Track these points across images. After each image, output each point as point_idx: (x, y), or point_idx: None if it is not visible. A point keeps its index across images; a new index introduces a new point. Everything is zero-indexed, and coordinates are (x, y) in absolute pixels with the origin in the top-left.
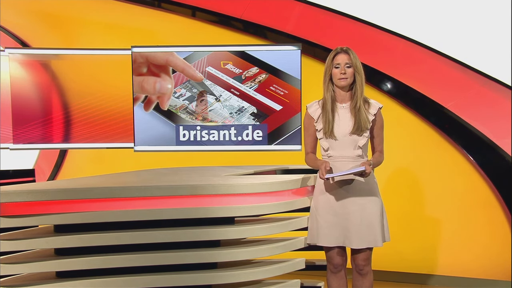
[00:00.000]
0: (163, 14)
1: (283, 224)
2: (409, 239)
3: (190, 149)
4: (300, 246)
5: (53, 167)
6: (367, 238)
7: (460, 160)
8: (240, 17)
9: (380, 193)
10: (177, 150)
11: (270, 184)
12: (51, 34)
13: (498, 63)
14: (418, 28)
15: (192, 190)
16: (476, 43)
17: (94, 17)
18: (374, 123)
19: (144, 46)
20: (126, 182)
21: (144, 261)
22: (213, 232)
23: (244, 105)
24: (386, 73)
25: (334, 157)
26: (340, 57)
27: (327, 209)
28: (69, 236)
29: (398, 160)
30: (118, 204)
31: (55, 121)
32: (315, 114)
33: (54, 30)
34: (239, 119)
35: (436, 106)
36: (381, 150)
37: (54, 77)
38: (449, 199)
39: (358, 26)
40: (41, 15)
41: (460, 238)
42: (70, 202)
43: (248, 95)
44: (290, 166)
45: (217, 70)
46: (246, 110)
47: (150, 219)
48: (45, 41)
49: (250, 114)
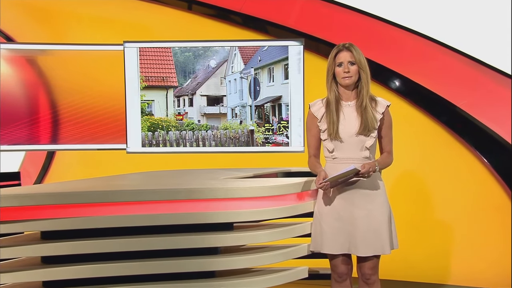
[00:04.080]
0: (157, 7)
1: (285, 230)
2: (418, 246)
3: (186, 150)
4: (303, 253)
5: (40, 169)
6: (374, 245)
7: (472, 162)
8: (239, 10)
9: (388, 196)
10: (173, 152)
11: (271, 187)
12: (37, 28)
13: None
14: (428, 22)
15: (188, 194)
16: (490, 38)
17: (84, 11)
18: (382, 122)
19: (137, 41)
20: (118, 185)
21: (137, 269)
22: (210, 239)
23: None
24: (394, 70)
25: (339, 159)
26: (342, 55)
27: (331, 214)
28: (57, 244)
29: (406, 162)
30: (109, 209)
31: (42, 121)
32: (319, 113)
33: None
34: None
35: (447, 105)
36: (389, 151)
37: (41, 74)
38: (461, 203)
39: (364, 19)
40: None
41: (473, 244)
42: (58, 207)
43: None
44: (292, 169)
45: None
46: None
47: (144, 225)
48: (31, 36)
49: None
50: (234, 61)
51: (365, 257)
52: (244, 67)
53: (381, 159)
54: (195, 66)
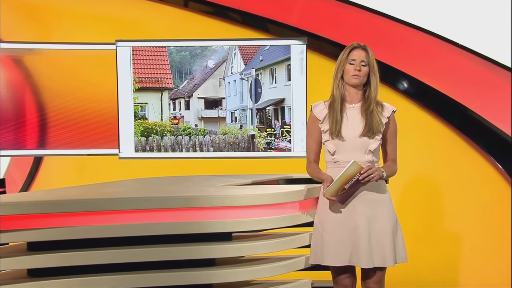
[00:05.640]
0: (152, 4)
1: (286, 240)
2: (427, 256)
3: (182, 156)
4: (306, 265)
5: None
6: (376, 257)
7: (486, 167)
8: (238, 7)
9: (394, 205)
10: (168, 157)
11: (272, 195)
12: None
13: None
14: (437, 18)
15: (184, 202)
16: (504, 36)
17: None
18: (387, 127)
19: (131, 40)
20: (109, 193)
21: (130, 283)
22: (207, 250)
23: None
24: (402, 70)
25: (341, 162)
26: (356, 53)
27: (333, 223)
28: (44, 255)
29: (415, 168)
30: (100, 218)
31: (29, 125)
32: (321, 115)
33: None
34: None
35: (459, 107)
36: (394, 159)
37: (27, 75)
38: (473, 212)
39: (370, 17)
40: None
41: (486, 255)
42: (46, 216)
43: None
44: (294, 175)
45: None
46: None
47: (136, 235)
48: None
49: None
50: (233, 61)
51: (370, 270)
52: (245, 68)
53: (387, 167)
54: (192, 67)
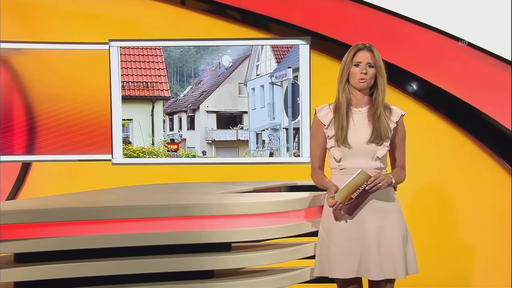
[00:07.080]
0: (147, 2)
1: (289, 251)
2: (438, 268)
3: (179, 161)
4: (311, 277)
5: (14, 183)
6: (387, 268)
7: (500, 173)
8: (238, 5)
9: (404, 213)
10: (164, 163)
11: (274, 203)
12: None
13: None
14: (448, 17)
15: (181, 210)
16: None
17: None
18: (395, 132)
19: (124, 39)
20: (102, 201)
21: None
22: (206, 261)
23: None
24: (411, 72)
25: (347, 169)
26: (362, 55)
27: (340, 233)
28: (33, 267)
29: (426, 175)
30: (92, 227)
31: (16, 129)
32: (326, 119)
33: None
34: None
35: (471, 111)
36: (402, 166)
37: (15, 76)
38: (487, 221)
39: (377, 15)
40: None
41: (500, 267)
42: (34, 225)
43: None
44: (298, 182)
45: None
46: None
47: (130, 245)
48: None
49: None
50: (260, 57)
51: (378, 283)
52: (277, 67)
53: (395, 173)
54: (198, 66)
